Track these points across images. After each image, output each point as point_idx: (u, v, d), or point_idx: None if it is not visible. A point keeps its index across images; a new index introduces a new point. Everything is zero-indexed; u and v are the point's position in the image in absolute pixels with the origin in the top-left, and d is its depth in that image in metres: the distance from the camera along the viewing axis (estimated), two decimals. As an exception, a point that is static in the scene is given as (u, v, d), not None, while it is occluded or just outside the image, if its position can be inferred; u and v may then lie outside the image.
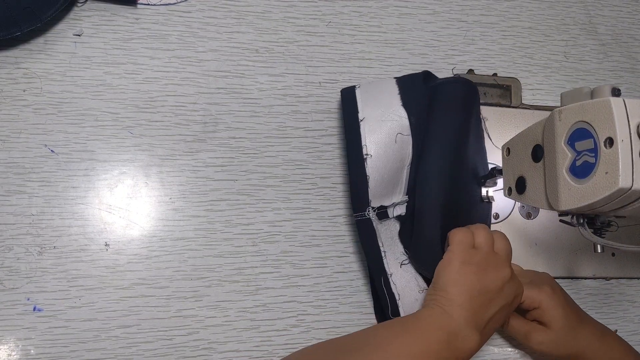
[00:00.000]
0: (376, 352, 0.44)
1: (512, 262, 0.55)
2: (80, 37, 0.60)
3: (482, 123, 0.66)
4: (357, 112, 0.57)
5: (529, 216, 0.66)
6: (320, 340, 0.58)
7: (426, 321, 0.47)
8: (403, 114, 0.57)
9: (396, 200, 0.58)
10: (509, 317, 0.55)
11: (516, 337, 0.60)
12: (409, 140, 0.57)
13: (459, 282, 0.49)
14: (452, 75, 0.67)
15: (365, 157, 0.55)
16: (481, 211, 0.64)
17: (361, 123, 0.56)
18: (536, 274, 0.60)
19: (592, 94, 0.47)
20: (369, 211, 0.56)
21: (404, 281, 0.57)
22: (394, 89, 0.59)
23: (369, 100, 0.58)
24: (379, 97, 0.58)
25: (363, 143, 0.56)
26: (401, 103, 0.57)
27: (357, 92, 0.59)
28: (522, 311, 0.58)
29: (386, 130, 0.56)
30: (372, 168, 0.55)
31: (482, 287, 0.49)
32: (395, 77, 0.60)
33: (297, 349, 0.58)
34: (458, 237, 0.52)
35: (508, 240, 0.55)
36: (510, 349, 0.63)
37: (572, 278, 0.66)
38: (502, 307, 0.50)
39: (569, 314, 0.57)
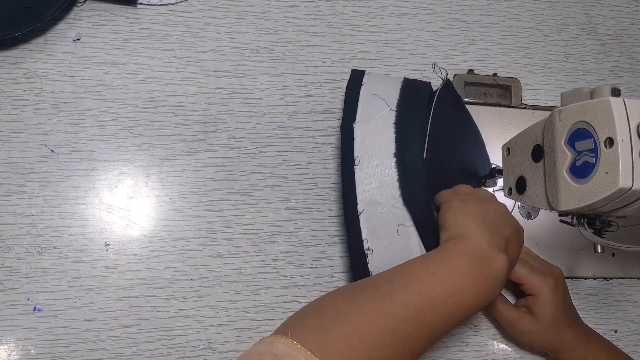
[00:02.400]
0: (407, 288, 0.43)
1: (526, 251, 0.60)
2: (80, 32, 0.60)
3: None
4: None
5: (529, 216, 0.66)
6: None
7: (452, 249, 0.46)
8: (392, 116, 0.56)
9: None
10: (519, 251, 0.52)
11: (502, 323, 0.61)
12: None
13: (465, 213, 0.48)
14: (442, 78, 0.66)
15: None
16: None
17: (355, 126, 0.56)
18: (548, 264, 0.61)
19: (592, 94, 0.47)
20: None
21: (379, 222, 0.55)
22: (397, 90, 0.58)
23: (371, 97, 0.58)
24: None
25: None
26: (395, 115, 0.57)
27: (365, 79, 0.59)
28: (519, 294, 0.60)
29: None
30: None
31: (485, 212, 0.48)
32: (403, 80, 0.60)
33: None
34: (442, 193, 0.53)
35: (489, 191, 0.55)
36: (510, 349, 0.63)
37: (572, 278, 0.66)
38: (511, 232, 0.49)
39: (560, 312, 0.58)
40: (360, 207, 0.53)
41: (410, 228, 0.53)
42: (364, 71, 0.60)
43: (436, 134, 0.56)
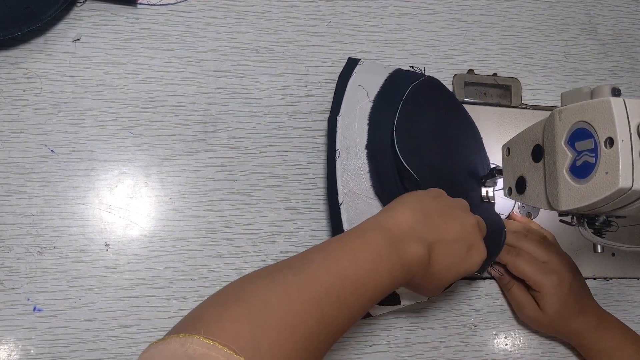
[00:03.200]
0: (333, 262, 0.41)
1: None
2: (79, 33, 0.60)
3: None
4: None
5: (529, 216, 0.66)
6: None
7: (374, 222, 0.45)
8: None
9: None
10: (465, 270, 0.50)
11: (511, 303, 0.63)
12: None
13: (418, 199, 0.48)
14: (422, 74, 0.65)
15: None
16: (484, 212, 0.64)
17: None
18: (556, 257, 0.60)
19: (592, 94, 0.47)
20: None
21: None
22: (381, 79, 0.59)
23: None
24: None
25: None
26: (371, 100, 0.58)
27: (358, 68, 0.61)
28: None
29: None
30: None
31: (440, 211, 0.47)
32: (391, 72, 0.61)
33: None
34: (435, 189, 0.53)
35: (483, 222, 0.53)
36: (510, 349, 0.63)
37: (572, 278, 0.66)
38: (457, 241, 0.47)
39: (565, 305, 0.59)
40: (340, 199, 0.55)
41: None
42: (359, 60, 0.61)
43: (412, 128, 0.56)
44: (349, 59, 0.63)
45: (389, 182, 0.55)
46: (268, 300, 0.37)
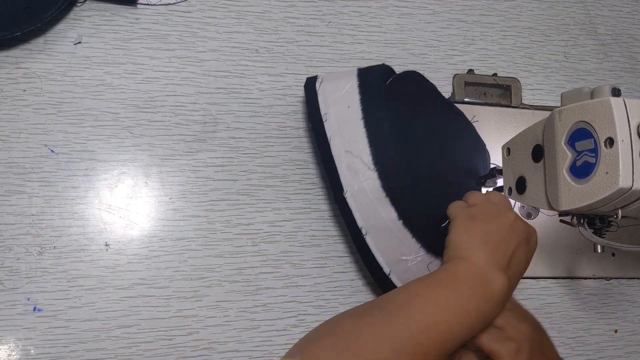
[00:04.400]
0: (411, 308, 0.45)
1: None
2: (80, 35, 0.60)
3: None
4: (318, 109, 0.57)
5: (529, 216, 0.66)
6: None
7: (452, 271, 0.48)
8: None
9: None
10: (530, 257, 0.53)
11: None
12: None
13: (468, 233, 0.49)
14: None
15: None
16: None
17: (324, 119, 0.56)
18: (513, 320, 0.52)
19: (592, 94, 0.47)
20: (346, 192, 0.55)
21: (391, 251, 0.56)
22: (354, 82, 0.58)
23: (329, 94, 0.58)
24: (338, 90, 0.58)
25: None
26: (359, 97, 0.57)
27: (317, 84, 0.58)
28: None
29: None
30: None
31: (490, 230, 0.49)
32: (357, 70, 0.59)
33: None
34: (453, 206, 0.53)
35: (502, 195, 0.55)
36: (510, 349, 0.63)
37: (572, 278, 0.67)
38: (518, 245, 0.50)
39: None
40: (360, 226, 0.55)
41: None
42: (316, 77, 0.59)
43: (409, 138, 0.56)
44: (307, 80, 0.60)
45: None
46: (353, 331, 0.43)
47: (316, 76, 0.59)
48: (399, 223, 0.55)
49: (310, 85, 0.58)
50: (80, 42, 0.60)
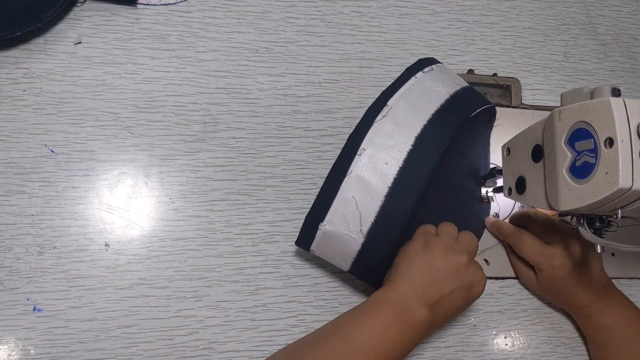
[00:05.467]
0: (340, 338, 0.48)
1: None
2: (80, 35, 0.60)
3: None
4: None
5: (529, 216, 0.66)
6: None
7: (377, 302, 0.50)
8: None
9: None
10: (467, 304, 0.55)
11: (513, 268, 0.65)
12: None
13: (412, 259, 0.52)
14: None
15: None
16: (478, 212, 0.64)
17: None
18: (560, 239, 0.60)
19: (592, 94, 0.47)
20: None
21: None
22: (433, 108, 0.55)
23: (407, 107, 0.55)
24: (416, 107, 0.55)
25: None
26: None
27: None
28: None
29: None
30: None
31: (433, 265, 0.51)
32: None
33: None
34: (421, 228, 0.55)
35: (475, 239, 0.56)
36: (510, 349, 0.63)
37: (572, 278, 0.66)
38: (456, 289, 0.51)
39: (564, 285, 0.60)
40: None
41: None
42: (433, 62, 0.57)
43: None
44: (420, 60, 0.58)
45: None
46: None
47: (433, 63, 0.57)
48: (385, 192, 0.52)
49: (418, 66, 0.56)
50: (80, 42, 0.60)
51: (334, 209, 0.52)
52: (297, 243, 0.55)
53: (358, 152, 0.52)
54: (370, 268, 0.54)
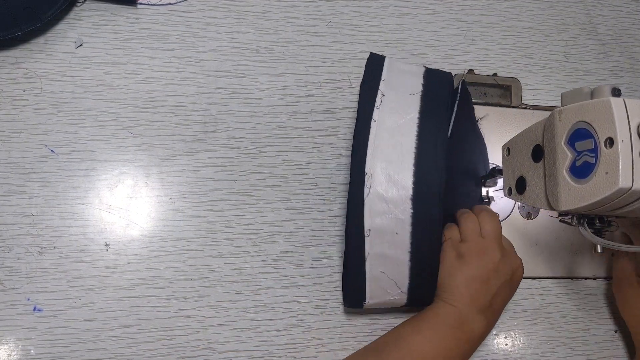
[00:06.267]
0: (401, 349, 0.51)
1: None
2: (81, 37, 0.60)
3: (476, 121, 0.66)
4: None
5: (529, 216, 0.66)
6: (321, 341, 0.59)
7: (435, 314, 0.53)
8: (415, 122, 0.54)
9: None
10: (514, 291, 0.57)
11: (614, 278, 0.64)
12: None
13: (453, 275, 0.54)
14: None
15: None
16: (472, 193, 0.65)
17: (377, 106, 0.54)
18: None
19: (592, 94, 0.47)
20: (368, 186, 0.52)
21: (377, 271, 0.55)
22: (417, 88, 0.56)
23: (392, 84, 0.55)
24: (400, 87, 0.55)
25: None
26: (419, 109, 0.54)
27: (385, 63, 0.57)
28: None
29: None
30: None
31: (474, 273, 0.53)
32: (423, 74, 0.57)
33: (297, 349, 0.58)
34: (447, 235, 0.57)
35: (495, 219, 0.57)
36: (510, 349, 0.63)
37: (572, 278, 0.67)
38: (501, 286, 0.54)
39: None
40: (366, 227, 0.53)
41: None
42: (384, 57, 0.57)
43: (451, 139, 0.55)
44: (371, 55, 0.57)
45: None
46: None
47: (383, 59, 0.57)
48: (407, 257, 0.54)
49: (374, 68, 0.56)
50: (81, 45, 0.60)
51: (369, 288, 0.55)
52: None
53: (366, 234, 0.53)
54: (424, 301, 0.56)
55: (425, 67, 0.59)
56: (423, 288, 0.55)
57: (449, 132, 0.54)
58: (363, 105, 0.54)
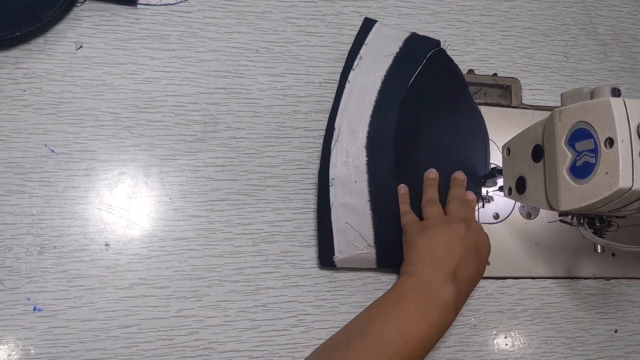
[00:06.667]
0: (366, 336, 0.49)
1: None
2: (80, 37, 0.60)
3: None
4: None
5: (529, 216, 0.66)
6: (321, 341, 0.58)
7: (400, 290, 0.52)
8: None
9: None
10: (482, 264, 0.56)
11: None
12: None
13: (415, 247, 0.54)
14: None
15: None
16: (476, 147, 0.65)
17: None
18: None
19: (592, 94, 0.47)
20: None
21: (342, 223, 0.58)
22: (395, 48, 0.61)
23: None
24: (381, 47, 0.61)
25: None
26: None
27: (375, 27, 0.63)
28: None
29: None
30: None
31: (437, 243, 0.53)
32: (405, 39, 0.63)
33: (297, 349, 0.58)
34: (404, 219, 0.57)
35: (468, 207, 0.58)
36: (510, 349, 0.63)
37: (572, 278, 0.67)
38: (465, 253, 0.53)
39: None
40: (331, 181, 0.57)
41: (363, 185, 0.57)
42: (376, 21, 0.63)
43: (416, 121, 0.59)
44: (365, 20, 0.64)
45: (383, 176, 0.57)
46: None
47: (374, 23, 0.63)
48: (367, 206, 0.57)
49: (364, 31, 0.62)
50: (81, 47, 0.60)
51: (337, 240, 0.57)
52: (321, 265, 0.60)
53: (330, 184, 0.57)
54: (394, 258, 0.57)
55: (412, 33, 0.63)
56: (389, 243, 0.57)
57: (408, 85, 0.59)
58: (344, 69, 0.60)
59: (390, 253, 0.58)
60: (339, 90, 0.59)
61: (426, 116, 0.61)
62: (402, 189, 0.59)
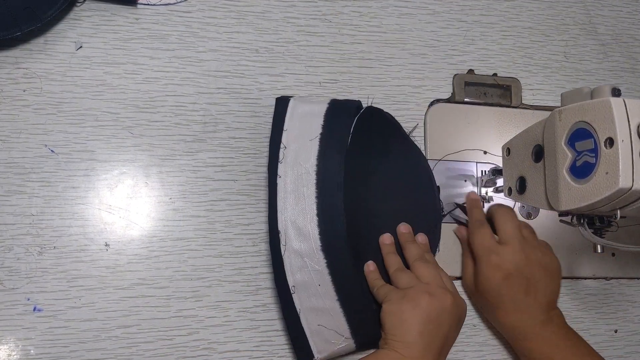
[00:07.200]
0: None
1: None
2: (80, 37, 0.60)
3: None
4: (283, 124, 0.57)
5: (529, 216, 0.66)
6: (320, 341, 0.58)
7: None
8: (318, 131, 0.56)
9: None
10: (458, 332, 0.56)
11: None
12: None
13: (403, 318, 0.51)
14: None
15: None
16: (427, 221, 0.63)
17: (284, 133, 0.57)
18: (517, 245, 0.57)
19: (592, 94, 0.47)
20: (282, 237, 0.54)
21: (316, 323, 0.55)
22: (322, 111, 0.58)
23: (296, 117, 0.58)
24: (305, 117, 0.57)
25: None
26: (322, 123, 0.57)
27: (290, 103, 0.59)
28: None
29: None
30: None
31: (423, 318, 0.51)
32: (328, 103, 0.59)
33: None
34: (383, 291, 0.55)
35: (433, 266, 0.56)
36: (510, 349, 0.63)
37: (572, 278, 0.67)
38: (453, 325, 0.53)
39: (493, 293, 0.57)
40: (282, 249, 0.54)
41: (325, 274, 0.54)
42: (289, 99, 0.59)
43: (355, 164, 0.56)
44: (277, 99, 0.60)
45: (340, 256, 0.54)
46: None
47: (288, 100, 0.59)
48: (337, 305, 0.54)
49: (281, 108, 0.58)
50: (81, 47, 0.60)
51: (313, 343, 0.55)
52: None
53: (292, 291, 0.54)
54: (375, 339, 0.55)
55: (331, 100, 0.60)
56: (367, 328, 0.55)
57: (343, 164, 0.55)
58: (270, 161, 0.56)
59: (368, 339, 0.56)
60: (271, 186, 0.55)
61: (372, 181, 0.60)
62: (371, 265, 0.58)
